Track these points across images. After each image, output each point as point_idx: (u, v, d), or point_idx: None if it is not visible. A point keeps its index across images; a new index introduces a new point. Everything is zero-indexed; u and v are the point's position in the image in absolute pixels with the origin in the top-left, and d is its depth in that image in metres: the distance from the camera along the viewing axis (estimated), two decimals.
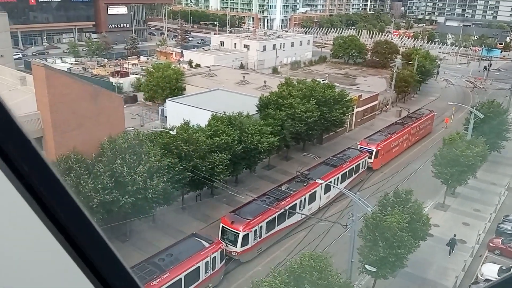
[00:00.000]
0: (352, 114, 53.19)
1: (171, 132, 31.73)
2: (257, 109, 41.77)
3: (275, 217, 30.36)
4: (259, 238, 29.13)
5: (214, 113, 37.26)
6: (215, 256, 25.80)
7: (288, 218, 31.87)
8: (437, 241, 31.63)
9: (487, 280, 27.68)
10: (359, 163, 40.27)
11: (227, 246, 28.01)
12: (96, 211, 25.39)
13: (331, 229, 31.98)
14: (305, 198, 33.38)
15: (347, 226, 26.84)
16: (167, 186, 27.79)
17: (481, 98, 69.11)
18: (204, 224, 32.48)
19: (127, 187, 26.31)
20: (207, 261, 25.29)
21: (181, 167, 29.83)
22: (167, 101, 49.66)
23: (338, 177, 37.01)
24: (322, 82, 49.54)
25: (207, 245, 25.86)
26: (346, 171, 38.24)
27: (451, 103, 54.62)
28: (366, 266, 23.74)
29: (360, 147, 43.36)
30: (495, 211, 37.05)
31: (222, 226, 28.86)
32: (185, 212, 34.10)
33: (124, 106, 38.11)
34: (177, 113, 43.66)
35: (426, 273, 28.64)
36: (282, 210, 30.84)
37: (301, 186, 33.76)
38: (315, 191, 34.46)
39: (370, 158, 42.44)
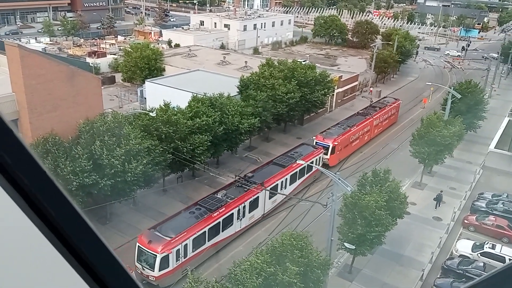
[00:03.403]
0: (333, 95, 53.42)
1: (150, 113, 31.36)
2: (238, 90, 41.57)
3: (205, 231, 26.38)
4: (184, 258, 25.10)
5: (195, 94, 36.93)
6: None
7: (223, 231, 27.90)
8: (414, 218, 32.46)
9: (461, 256, 28.66)
10: (312, 161, 36.22)
11: (143, 269, 24.51)
12: (76, 194, 25.13)
13: (311, 209, 32.44)
14: (244, 206, 29.38)
15: (327, 206, 27.27)
16: (147, 169, 27.60)
17: (458, 78, 70.26)
18: (185, 205, 32.50)
19: (105, 170, 26.04)
20: None
21: (161, 149, 29.63)
22: (146, 82, 48.91)
23: (286, 179, 33.41)
24: (303, 62, 49.44)
25: None
26: (297, 171, 34.47)
27: (429, 83, 55.25)
28: (345, 244, 24.26)
29: (316, 142, 39.82)
30: (470, 189, 38.09)
31: (138, 246, 24.72)
32: (166, 194, 34.05)
33: (102, 87, 37.43)
34: (157, 94, 43.10)
35: (403, 250, 29.45)
36: (215, 223, 27.01)
37: (241, 191, 29.83)
38: (258, 196, 30.57)
39: (326, 154, 38.81)
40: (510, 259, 27.69)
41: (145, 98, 48.84)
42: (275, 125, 44.69)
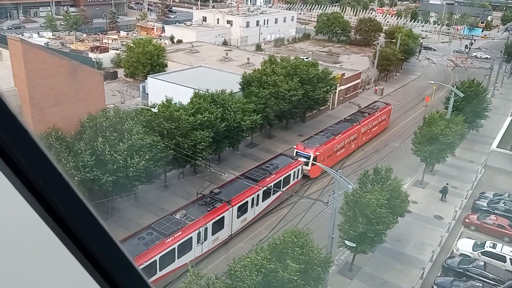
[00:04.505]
0: (335, 92, 53.31)
1: (152, 109, 31.37)
2: (240, 87, 41.53)
3: (156, 260, 23.26)
4: None
5: (197, 91, 36.91)
6: None
7: (179, 258, 24.67)
8: (415, 217, 32.44)
9: (462, 255, 28.65)
10: (290, 174, 33.57)
11: None
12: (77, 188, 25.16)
13: (312, 206, 32.45)
14: (206, 228, 26.05)
15: (328, 203, 27.27)
16: (148, 164, 27.63)
17: (461, 76, 70.04)
18: (186, 202, 32.54)
19: (107, 165, 26.08)
20: None
21: (163, 145, 29.66)
22: (148, 77, 48.89)
23: (258, 195, 30.46)
24: (305, 60, 49.31)
25: None
26: (271, 186, 31.62)
27: (432, 81, 55.07)
28: (346, 241, 24.25)
29: (296, 152, 37.00)
30: (472, 188, 38.02)
31: None
32: (168, 190, 34.09)
33: (104, 83, 37.37)
34: (159, 90, 43.04)
35: (404, 248, 29.44)
36: (168, 250, 23.90)
37: (204, 211, 26.66)
38: (223, 216, 27.48)
39: (307, 164, 35.72)
40: (511, 259, 27.70)
41: (147, 94, 48.82)
42: (277, 122, 44.66)
